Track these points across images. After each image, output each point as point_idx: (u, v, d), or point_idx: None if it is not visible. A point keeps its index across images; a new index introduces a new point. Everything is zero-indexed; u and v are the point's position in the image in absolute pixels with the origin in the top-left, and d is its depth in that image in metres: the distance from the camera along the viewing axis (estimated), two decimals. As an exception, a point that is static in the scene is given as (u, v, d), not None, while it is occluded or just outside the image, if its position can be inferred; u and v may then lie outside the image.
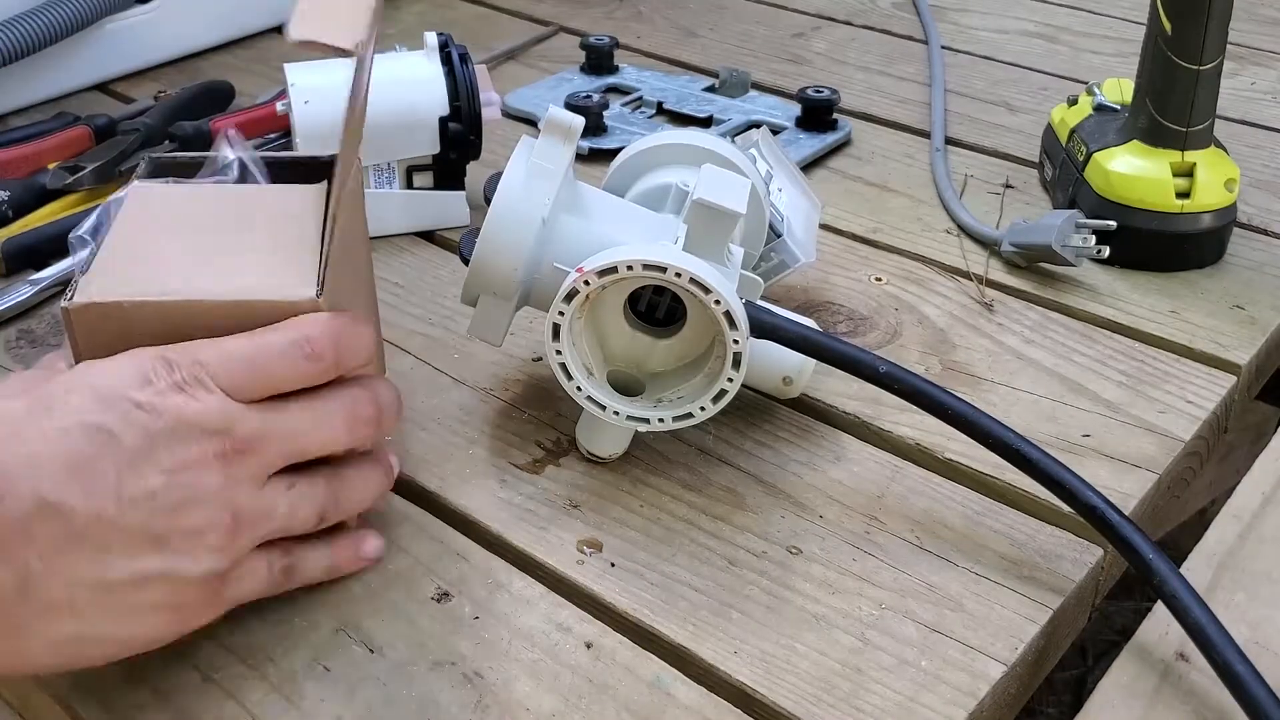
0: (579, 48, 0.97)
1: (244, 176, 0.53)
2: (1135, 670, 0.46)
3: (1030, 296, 0.69)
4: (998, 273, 0.71)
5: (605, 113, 0.86)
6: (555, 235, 0.54)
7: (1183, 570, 0.48)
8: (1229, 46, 0.67)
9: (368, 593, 0.49)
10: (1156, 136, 0.69)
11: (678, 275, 0.50)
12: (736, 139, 0.65)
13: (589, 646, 0.47)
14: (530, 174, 0.54)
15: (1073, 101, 0.79)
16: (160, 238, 0.48)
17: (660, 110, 0.91)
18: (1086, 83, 0.81)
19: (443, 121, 0.72)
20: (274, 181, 0.53)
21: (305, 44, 0.43)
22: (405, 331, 0.65)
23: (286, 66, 0.72)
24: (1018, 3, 1.14)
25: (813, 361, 0.56)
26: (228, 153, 0.53)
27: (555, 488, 0.55)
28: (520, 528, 0.52)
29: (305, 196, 0.50)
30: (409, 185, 0.74)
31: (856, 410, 0.60)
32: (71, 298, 0.44)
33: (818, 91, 0.86)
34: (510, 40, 1.04)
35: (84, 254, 0.47)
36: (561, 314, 0.51)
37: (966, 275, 0.71)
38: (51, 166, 0.76)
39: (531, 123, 0.89)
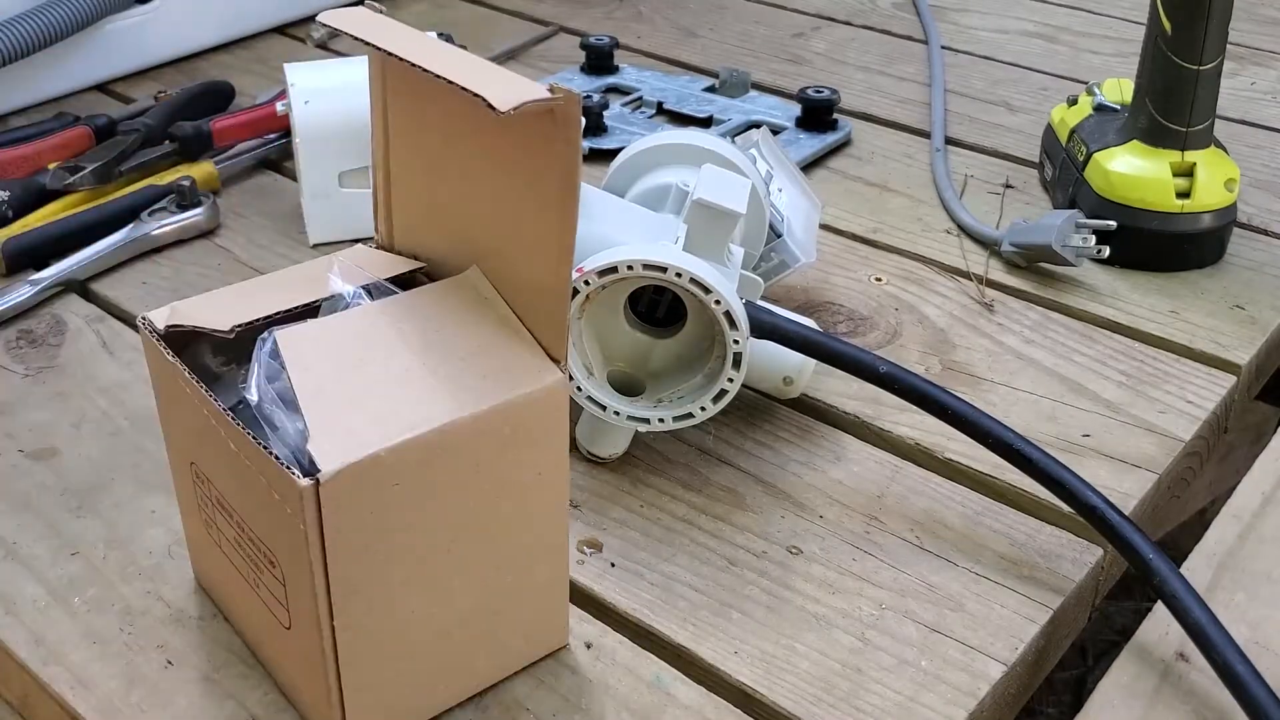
0: (579, 48, 0.97)
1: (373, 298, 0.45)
2: (1135, 670, 0.46)
3: (1030, 296, 0.69)
4: (998, 273, 0.71)
5: (605, 113, 0.86)
6: (555, 235, 0.54)
7: (1183, 570, 0.48)
8: (1229, 46, 0.67)
9: (368, 593, 0.49)
10: (1156, 136, 0.69)
11: (678, 275, 0.50)
12: (736, 139, 0.65)
13: (589, 646, 0.47)
14: (530, 174, 0.54)
15: (1073, 101, 0.79)
16: (350, 377, 0.41)
17: (660, 110, 0.91)
18: (1086, 83, 0.81)
19: (443, 121, 0.72)
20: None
21: (517, 109, 0.36)
22: (405, 331, 0.65)
23: (286, 66, 0.72)
24: (1018, 3, 1.14)
25: (813, 361, 0.56)
26: (342, 285, 0.45)
27: (555, 488, 0.55)
28: (520, 528, 0.52)
29: (451, 291, 0.44)
30: (409, 185, 0.74)
31: (856, 410, 0.60)
32: (311, 473, 0.36)
33: (818, 91, 0.86)
34: (510, 40, 1.04)
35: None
36: (561, 314, 0.51)
37: (966, 275, 0.71)
38: (51, 167, 0.76)
39: (531, 123, 0.89)
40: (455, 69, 0.38)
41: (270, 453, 0.37)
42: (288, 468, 0.37)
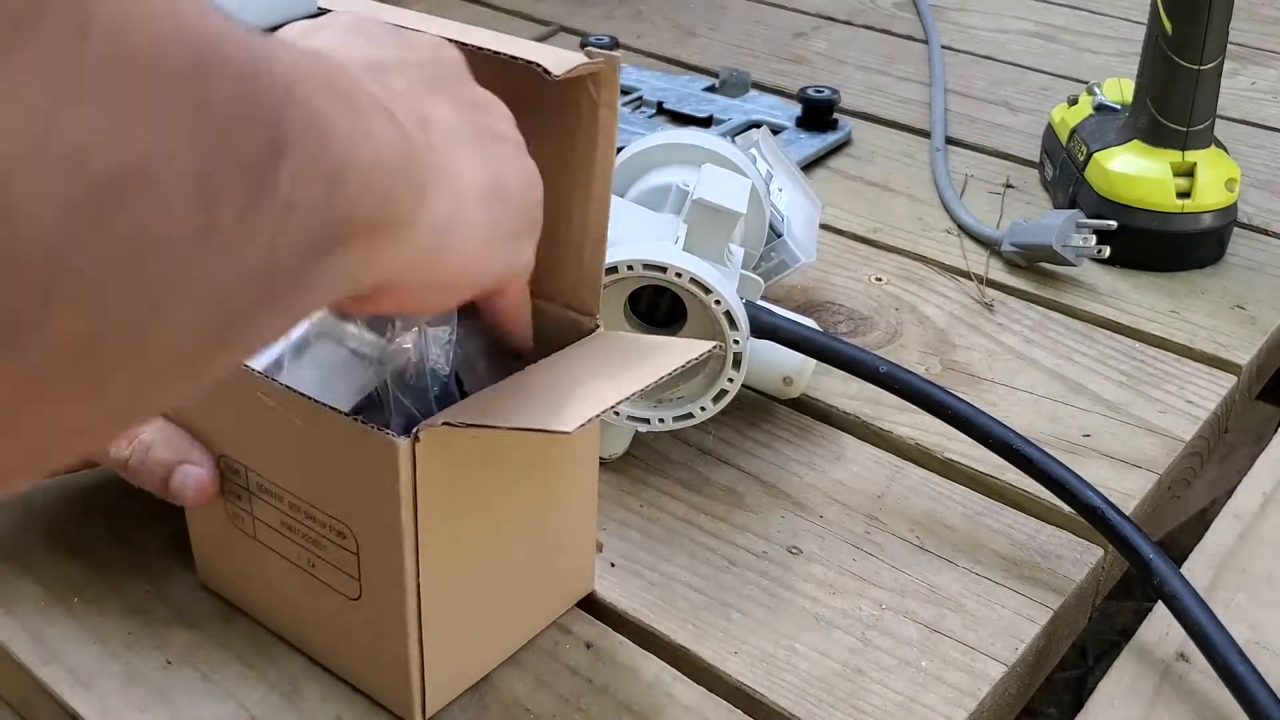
0: (579, 47, 0.97)
1: None
2: (1136, 670, 0.46)
3: (1030, 296, 0.69)
4: (998, 272, 0.71)
5: (605, 112, 0.86)
6: (555, 235, 0.54)
7: (1183, 570, 0.48)
8: (1229, 46, 0.67)
9: (367, 593, 0.49)
10: (1157, 136, 0.69)
11: (678, 275, 0.50)
12: (737, 139, 0.65)
13: (589, 646, 0.47)
14: (530, 174, 0.53)
15: (1073, 101, 0.79)
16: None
17: (660, 110, 0.91)
18: (1087, 82, 0.81)
19: (443, 121, 0.72)
20: None
21: (570, 73, 0.38)
22: (405, 331, 0.65)
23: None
24: (1018, 2, 1.14)
25: (813, 361, 0.56)
26: None
27: (555, 488, 0.55)
28: (520, 528, 0.52)
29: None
30: (409, 185, 0.74)
31: (856, 410, 0.59)
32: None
33: (818, 91, 0.86)
34: (510, 40, 1.04)
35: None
36: (561, 314, 0.51)
37: (967, 275, 0.71)
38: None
39: (531, 122, 0.89)
40: (488, 42, 0.40)
41: (355, 417, 0.38)
42: (377, 429, 0.37)
